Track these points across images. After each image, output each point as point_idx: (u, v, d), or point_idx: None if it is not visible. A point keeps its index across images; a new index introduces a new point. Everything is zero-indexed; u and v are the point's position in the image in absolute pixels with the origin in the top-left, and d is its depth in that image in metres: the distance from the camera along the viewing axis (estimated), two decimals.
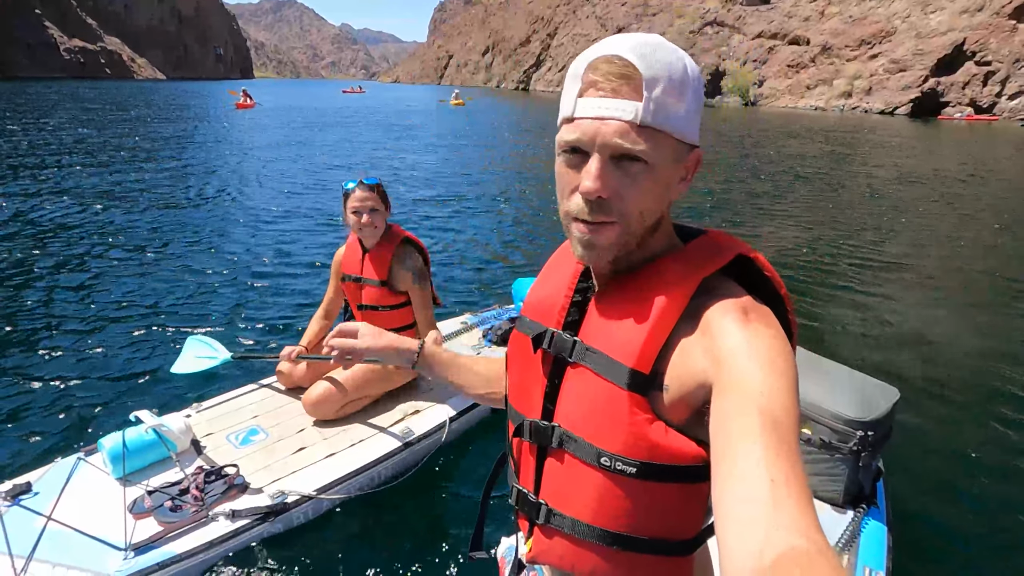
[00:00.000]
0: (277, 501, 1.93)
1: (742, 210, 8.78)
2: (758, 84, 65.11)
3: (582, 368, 0.72)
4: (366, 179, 2.39)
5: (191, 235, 6.25)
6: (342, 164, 11.98)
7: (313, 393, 2.36)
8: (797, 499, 0.48)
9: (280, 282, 4.86)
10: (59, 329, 3.78)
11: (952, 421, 3.05)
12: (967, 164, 15.79)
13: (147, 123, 19.19)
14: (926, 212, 9.08)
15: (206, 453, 2.15)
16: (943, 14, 54.27)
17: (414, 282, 2.44)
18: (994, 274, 5.94)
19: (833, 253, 6.44)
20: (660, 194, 0.66)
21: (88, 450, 2.14)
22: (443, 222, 7.32)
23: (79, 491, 1.93)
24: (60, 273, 4.90)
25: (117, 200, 7.73)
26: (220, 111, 26.67)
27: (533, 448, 0.80)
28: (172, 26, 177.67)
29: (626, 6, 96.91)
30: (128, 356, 3.43)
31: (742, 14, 74.23)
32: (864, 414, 1.78)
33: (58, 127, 16.69)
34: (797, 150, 18.06)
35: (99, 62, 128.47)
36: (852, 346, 3.96)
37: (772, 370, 0.58)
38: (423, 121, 25.67)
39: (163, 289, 4.56)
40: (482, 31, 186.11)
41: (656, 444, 0.66)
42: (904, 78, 51.37)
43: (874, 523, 1.85)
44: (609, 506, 0.71)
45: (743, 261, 0.70)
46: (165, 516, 1.84)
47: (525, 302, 0.84)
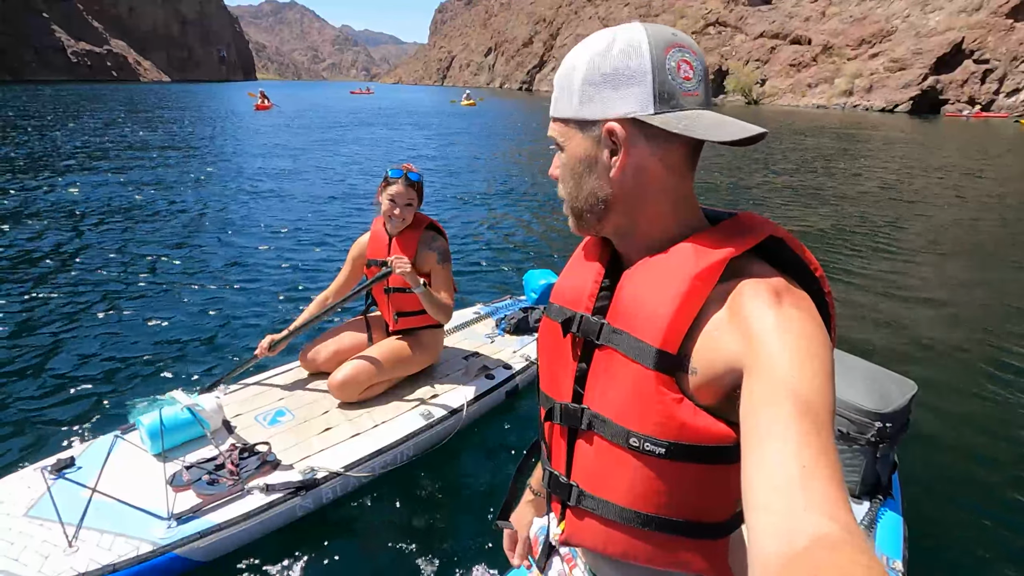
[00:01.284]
0: (307, 477, 2.02)
1: (751, 206, 8.70)
2: (760, 83, 65.88)
3: (609, 350, 0.72)
4: (411, 174, 2.42)
5: (235, 225, 6.51)
6: (367, 164, 12.15)
7: (339, 375, 2.43)
8: (828, 482, 0.48)
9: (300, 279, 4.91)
10: (87, 312, 3.93)
11: (966, 416, 3.09)
12: (976, 158, 15.91)
13: (183, 124, 19.85)
14: (940, 205, 9.04)
15: (237, 432, 2.24)
16: (941, 14, 55.03)
17: (438, 261, 2.51)
18: (1014, 269, 5.86)
19: (848, 246, 6.41)
20: (582, 171, 0.70)
21: (124, 428, 2.22)
22: (459, 214, 7.55)
23: (119, 466, 2.02)
24: (91, 259, 5.11)
25: (168, 190, 8.35)
26: (242, 113, 27.34)
27: (564, 431, 0.81)
28: (176, 29, 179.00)
29: (629, 7, 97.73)
30: (156, 337, 3.57)
31: (744, 14, 74.96)
32: (882, 406, 1.81)
33: (95, 128, 17.15)
34: (804, 145, 18.23)
35: (105, 65, 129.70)
36: (870, 339, 3.97)
37: (805, 353, 0.56)
38: (438, 120, 26.13)
39: (186, 279, 4.68)
40: (484, 32, 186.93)
41: (684, 424, 0.66)
42: (904, 76, 52.11)
43: (890, 513, 1.88)
44: (639, 487, 0.71)
45: (775, 244, 0.68)
46: (203, 489, 1.92)
47: (554, 290, 0.85)
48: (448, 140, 17.59)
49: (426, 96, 77.47)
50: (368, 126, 22.30)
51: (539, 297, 3.60)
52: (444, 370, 2.83)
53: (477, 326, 3.40)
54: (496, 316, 3.52)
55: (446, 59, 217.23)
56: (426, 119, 26.86)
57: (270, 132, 18.34)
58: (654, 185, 0.69)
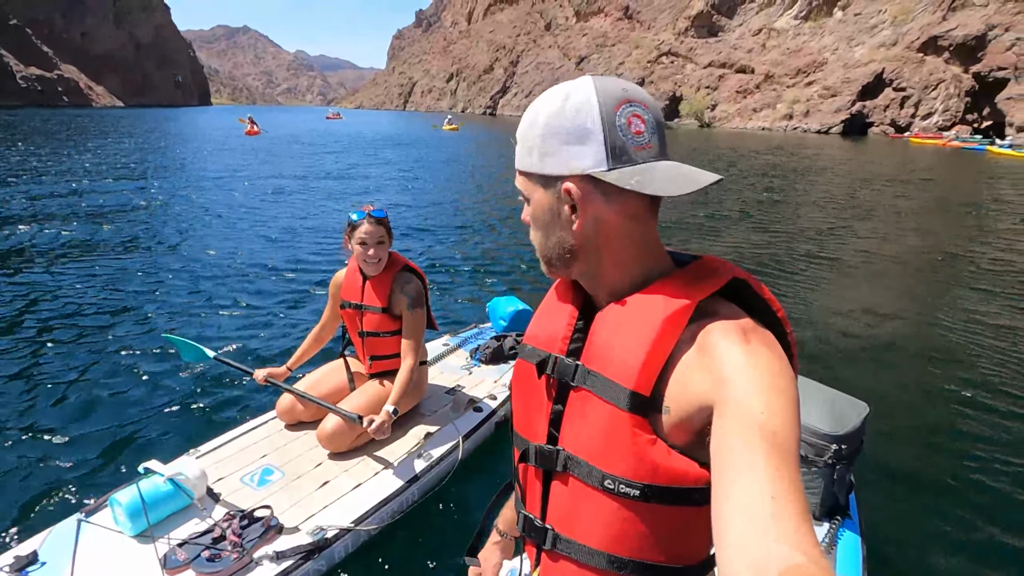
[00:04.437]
0: (318, 538, 1.89)
1: (702, 224, 9.11)
2: (711, 108, 71.97)
3: (584, 391, 0.73)
4: (374, 211, 2.35)
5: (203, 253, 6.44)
6: (360, 187, 12.34)
7: (327, 426, 2.30)
8: (797, 516, 0.50)
9: (281, 301, 4.97)
10: (24, 380, 3.44)
11: (918, 432, 3.16)
12: (904, 173, 17.58)
13: (173, 149, 20.29)
14: (874, 219, 9.47)
15: (224, 498, 2.05)
16: (864, 48, 62.88)
17: (408, 307, 2.43)
18: (955, 280, 6.12)
19: (792, 264, 6.61)
20: (548, 222, 0.73)
21: (87, 510, 1.94)
22: (426, 243, 7.51)
23: (94, 554, 1.75)
24: (29, 306, 4.69)
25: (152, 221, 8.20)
26: (235, 138, 27.70)
27: (539, 473, 0.81)
28: (130, 53, 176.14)
29: (587, 37, 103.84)
30: (110, 403, 3.20)
31: (693, 46, 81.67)
32: (837, 428, 1.84)
33: (82, 153, 17.37)
34: (752, 165, 19.83)
35: (56, 90, 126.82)
36: (818, 360, 4.02)
37: (772, 389, 0.59)
38: (425, 146, 26.53)
39: (131, 333, 4.20)
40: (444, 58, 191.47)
41: (658, 465, 0.67)
42: (835, 102, 58.75)
43: (849, 534, 1.88)
44: (615, 530, 0.72)
45: (739, 285, 0.71)
46: (203, 567, 1.72)
47: (528, 333, 0.87)
48: (454, 165, 18.52)
49: (401, 120, 77.38)
50: (362, 152, 22.80)
51: (508, 324, 3.57)
52: (431, 406, 2.76)
53: (450, 358, 3.34)
54: (468, 347, 3.48)
55: (407, 84, 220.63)
56: (416, 146, 27.07)
57: (274, 160, 18.17)
58: (616, 234, 0.71)
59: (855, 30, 66.55)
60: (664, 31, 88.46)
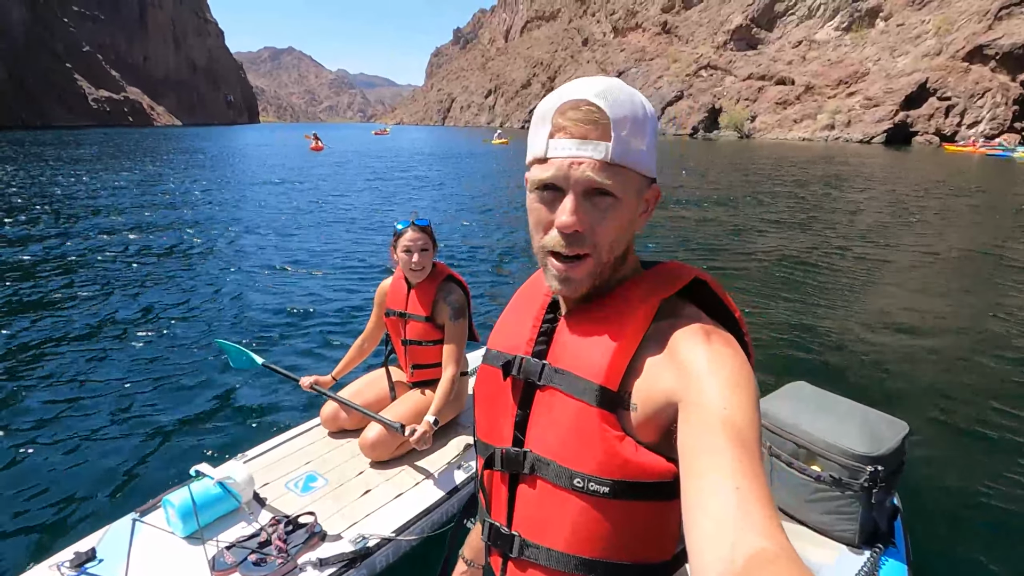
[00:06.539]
0: (360, 546, 1.89)
1: (748, 235, 8.89)
2: (751, 119, 71.91)
3: (551, 390, 0.75)
4: (418, 220, 2.40)
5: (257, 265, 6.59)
6: (443, 207, 12.33)
7: (370, 435, 2.31)
8: (762, 504, 0.52)
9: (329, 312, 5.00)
10: (84, 385, 3.60)
11: (967, 453, 2.99)
12: (950, 184, 17.00)
13: (265, 167, 21.44)
14: (918, 231, 9.11)
15: (270, 503, 2.09)
16: (907, 58, 61.96)
17: (451, 317, 2.45)
18: (1004, 291, 5.80)
19: (834, 280, 6.30)
20: (626, 226, 0.72)
21: (142, 509, 2.00)
22: (471, 254, 7.53)
23: (148, 553, 1.82)
24: (94, 314, 4.87)
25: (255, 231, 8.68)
26: (305, 153, 29.20)
27: (505, 478, 0.81)
28: (186, 74, 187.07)
29: (625, 51, 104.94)
30: (162, 410, 3.31)
31: (732, 59, 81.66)
32: (873, 449, 1.73)
33: (182, 173, 18.37)
34: (796, 175, 19.47)
35: (123, 110, 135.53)
36: (855, 379, 3.83)
37: (734, 386, 0.62)
38: (477, 159, 27.33)
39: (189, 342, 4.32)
40: (482, 75, 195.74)
41: (627, 461, 0.68)
42: (877, 112, 58.02)
43: (892, 562, 1.76)
44: (583, 531, 0.72)
45: (699, 286, 0.75)
46: (250, 571, 1.76)
47: (491, 338, 0.87)
48: (503, 177, 19.11)
49: (446, 135, 77.28)
50: (427, 165, 23.67)
51: None
52: (471, 418, 3.29)
53: None
54: None
55: (446, 100, 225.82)
56: (469, 159, 27.90)
57: (343, 177, 18.61)
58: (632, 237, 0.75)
59: (898, 40, 65.66)
60: (703, 44, 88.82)
